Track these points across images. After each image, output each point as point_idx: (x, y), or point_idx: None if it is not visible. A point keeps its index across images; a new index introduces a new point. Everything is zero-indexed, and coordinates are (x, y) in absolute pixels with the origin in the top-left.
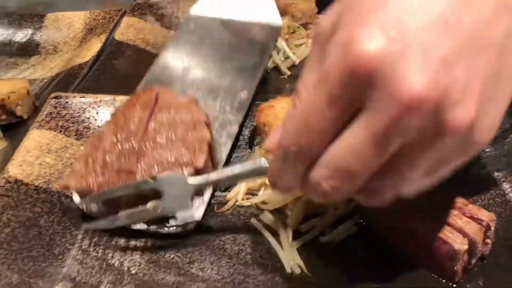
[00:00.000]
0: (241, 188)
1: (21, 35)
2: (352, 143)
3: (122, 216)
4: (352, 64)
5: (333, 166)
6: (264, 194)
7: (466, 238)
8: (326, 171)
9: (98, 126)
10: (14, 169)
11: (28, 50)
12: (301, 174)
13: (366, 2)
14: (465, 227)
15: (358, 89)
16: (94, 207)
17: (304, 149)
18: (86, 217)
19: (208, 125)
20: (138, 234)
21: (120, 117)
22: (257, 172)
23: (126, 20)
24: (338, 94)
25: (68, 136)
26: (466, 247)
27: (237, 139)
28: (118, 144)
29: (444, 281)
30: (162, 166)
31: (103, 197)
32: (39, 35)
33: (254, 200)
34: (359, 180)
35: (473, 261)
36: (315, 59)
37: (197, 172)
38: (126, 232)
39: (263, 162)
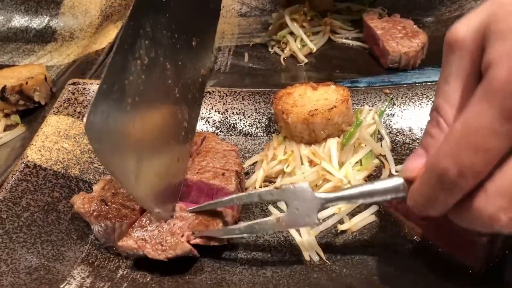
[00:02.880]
0: (259, 175)
1: (37, 22)
2: None
3: (242, 227)
4: None
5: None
6: (282, 182)
7: None
8: (502, 199)
9: None
10: (33, 154)
11: (45, 36)
12: (456, 200)
13: None
14: None
15: None
16: (96, 229)
17: (468, 171)
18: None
19: (238, 174)
20: None
21: None
22: (394, 191)
23: None
24: None
25: None
26: (487, 237)
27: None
28: None
29: (465, 270)
30: None
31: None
32: (55, 22)
33: (272, 187)
34: None
35: (495, 251)
36: (459, 68)
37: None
38: None
39: (401, 181)
